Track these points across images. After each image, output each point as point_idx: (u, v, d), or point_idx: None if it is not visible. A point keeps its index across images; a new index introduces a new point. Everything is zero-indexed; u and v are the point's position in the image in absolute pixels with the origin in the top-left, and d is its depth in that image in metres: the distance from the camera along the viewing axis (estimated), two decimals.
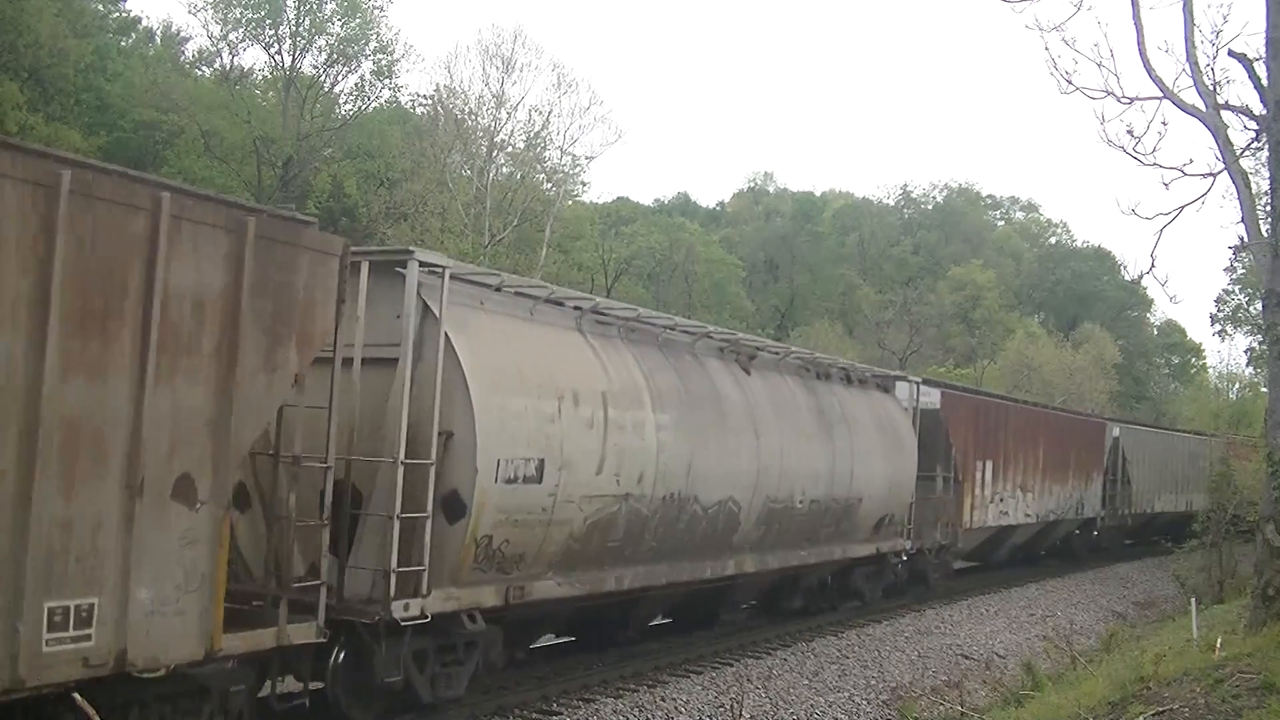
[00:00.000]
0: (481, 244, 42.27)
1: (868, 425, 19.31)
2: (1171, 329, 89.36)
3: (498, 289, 12.32)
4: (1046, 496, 28.45)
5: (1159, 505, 37.54)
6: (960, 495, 23.69)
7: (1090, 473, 31.62)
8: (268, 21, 46.44)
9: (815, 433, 17.46)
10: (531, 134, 48.29)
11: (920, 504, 21.66)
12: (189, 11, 63.78)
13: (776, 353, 18.06)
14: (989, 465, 25.09)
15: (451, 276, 10.97)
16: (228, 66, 48.92)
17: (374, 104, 50.02)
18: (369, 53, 48.11)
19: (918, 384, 22.41)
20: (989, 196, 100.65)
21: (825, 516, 17.86)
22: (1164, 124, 24.43)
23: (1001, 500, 25.78)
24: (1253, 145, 17.50)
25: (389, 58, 48.60)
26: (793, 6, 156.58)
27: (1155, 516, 37.92)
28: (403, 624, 10.37)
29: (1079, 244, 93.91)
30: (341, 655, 10.31)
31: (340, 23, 47.39)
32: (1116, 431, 34.23)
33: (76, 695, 7.34)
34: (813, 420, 17.54)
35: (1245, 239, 16.06)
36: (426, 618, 10.59)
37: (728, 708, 13.05)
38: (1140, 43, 16.56)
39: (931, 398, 23.17)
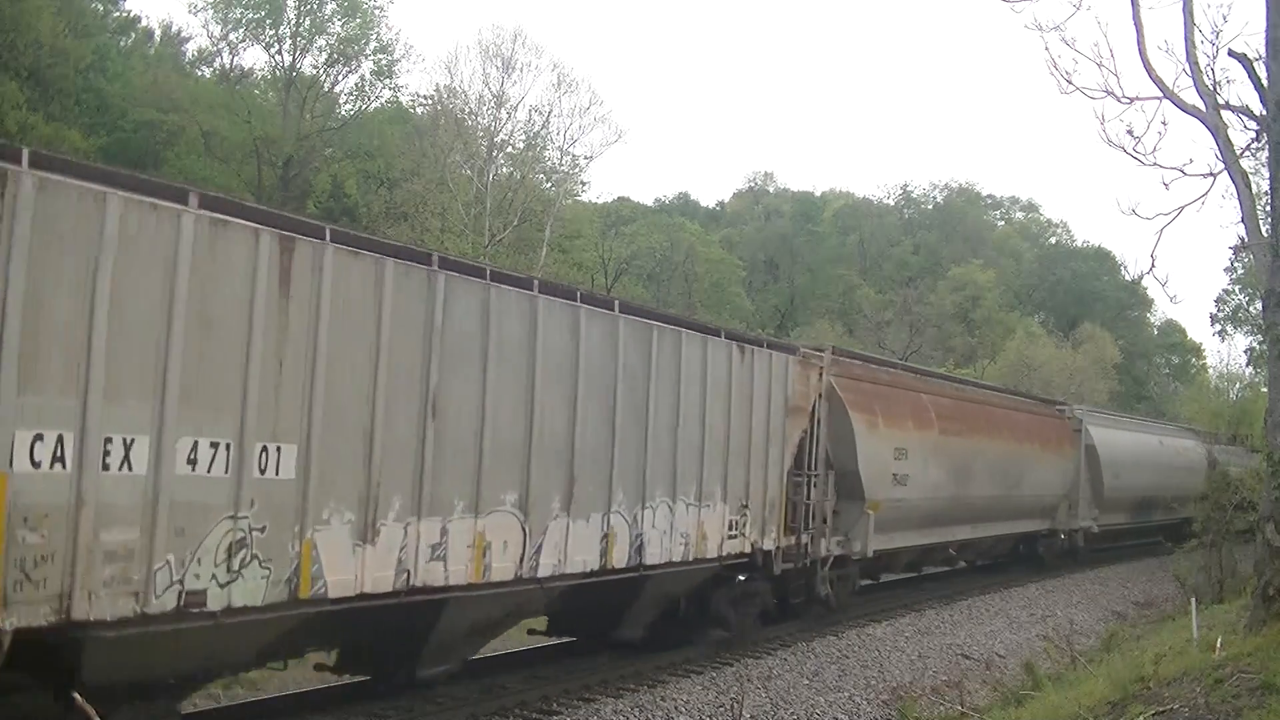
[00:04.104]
0: (481, 244, 42.25)
1: None
2: (1171, 329, 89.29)
3: None
4: None
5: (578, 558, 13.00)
6: None
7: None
8: (268, 21, 46.48)
9: None
10: (531, 134, 48.34)
11: None
12: (189, 11, 64.16)
13: None
14: None
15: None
16: (228, 66, 49.02)
17: (374, 104, 50.08)
18: (369, 53, 48.22)
19: None
20: (989, 196, 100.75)
21: None
22: (1164, 124, 24.53)
23: None
24: (1253, 145, 17.52)
25: (389, 58, 48.72)
26: (793, 6, 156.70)
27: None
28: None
29: (1079, 244, 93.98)
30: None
31: (340, 23, 47.48)
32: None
33: (76, 695, 7.41)
34: None
35: (1245, 239, 16.06)
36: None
37: (728, 708, 13.05)
38: (1140, 43, 16.57)
39: None
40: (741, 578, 16.43)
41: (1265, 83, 14.77)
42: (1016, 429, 26.40)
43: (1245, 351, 62.61)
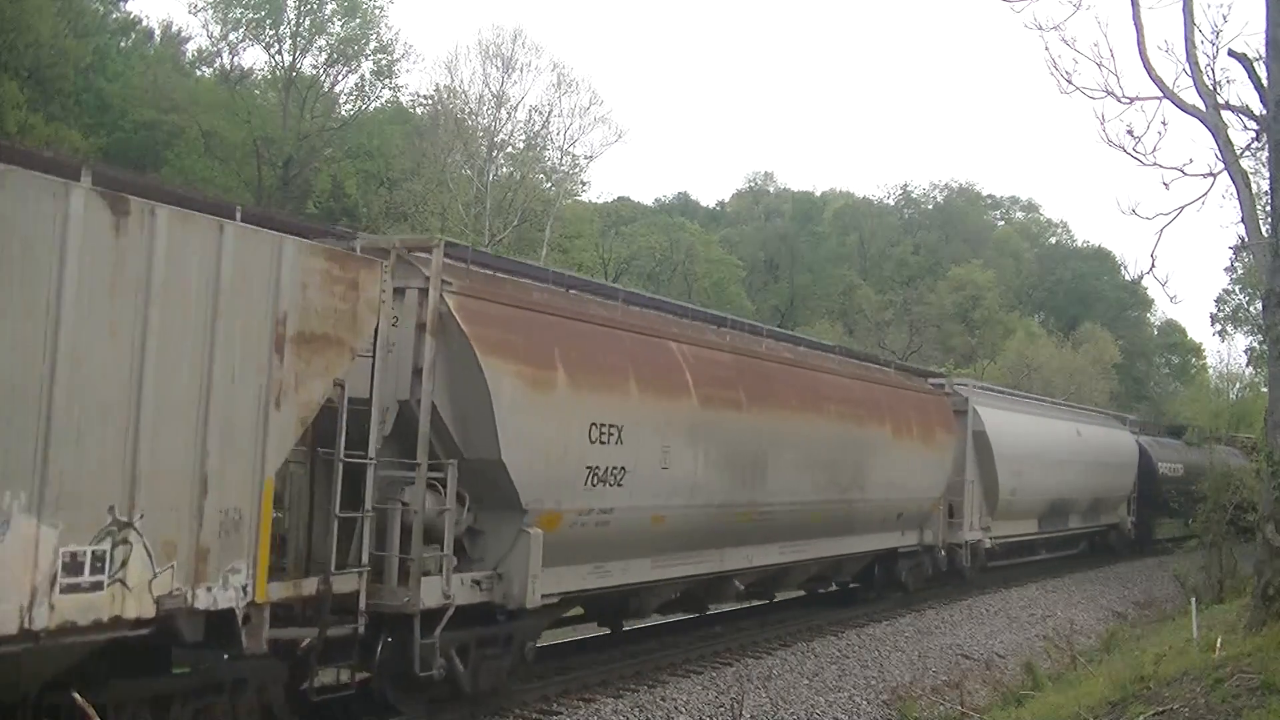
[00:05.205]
0: (481, 244, 42.28)
1: None
2: (1171, 329, 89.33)
3: None
4: None
5: None
6: None
7: None
8: (268, 21, 46.50)
9: None
10: (531, 134, 48.37)
11: None
12: (189, 11, 63.99)
13: None
14: None
15: None
16: (228, 66, 49.02)
17: (374, 104, 50.12)
18: (369, 53, 48.27)
19: None
20: (989, 196, 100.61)
21: None
22: (1164, 124, 24.45)
23: None
24: (1253, 145, 17.53)
25: (389, 58, 48.76)
26: (793, 7, 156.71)
27: None
28: None
29: (1079, 244, 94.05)
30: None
31: (340, 23, 47.51)
32: None
33: (76, 695, 7.42)
34: None
35: (1245, 239, 16.07)
36: None
37: (728, 708, 13.05)
38: (1140, 43, 16.55)
39: None
40: (226, 656, 8.69)
41: (1265, 83, 14.77)
42: (855, 405, 18.42)
43: (1245, 351, 62.70)
